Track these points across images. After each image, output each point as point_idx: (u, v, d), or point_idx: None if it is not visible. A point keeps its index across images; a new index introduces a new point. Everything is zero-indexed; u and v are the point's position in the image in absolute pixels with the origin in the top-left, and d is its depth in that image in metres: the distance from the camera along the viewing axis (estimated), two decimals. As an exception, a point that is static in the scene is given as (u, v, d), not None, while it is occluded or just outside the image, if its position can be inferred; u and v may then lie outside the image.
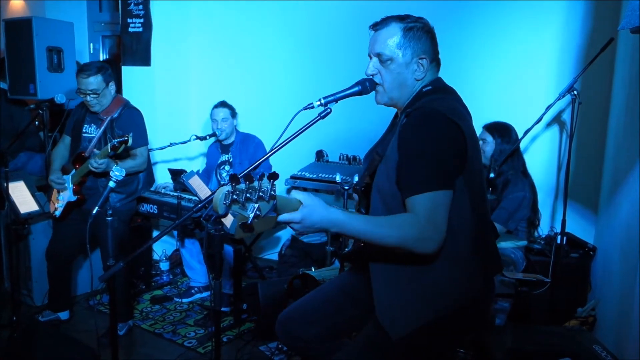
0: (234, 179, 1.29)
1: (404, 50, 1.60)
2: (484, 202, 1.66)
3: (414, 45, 1.60)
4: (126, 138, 2.73)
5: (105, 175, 2.95)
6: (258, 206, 1.31)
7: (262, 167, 3.66)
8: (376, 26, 1.65)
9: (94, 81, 2.99)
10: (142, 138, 3.16)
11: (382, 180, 1.59)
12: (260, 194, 1.31)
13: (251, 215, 1.30)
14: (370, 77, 1.66)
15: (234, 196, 1.28)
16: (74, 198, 3.07)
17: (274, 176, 1.36)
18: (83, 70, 3.01)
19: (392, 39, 1.60)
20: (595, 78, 3.24)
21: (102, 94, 3.03)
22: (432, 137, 1.48)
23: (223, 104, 3.76)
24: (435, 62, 1.68)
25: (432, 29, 1.66)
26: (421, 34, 1.61)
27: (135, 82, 4.27)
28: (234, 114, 3.76)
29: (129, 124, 3.06)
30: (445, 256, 1.51)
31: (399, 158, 1.51)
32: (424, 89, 1.63)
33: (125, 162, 3.01)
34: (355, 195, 1.86)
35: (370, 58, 1.66)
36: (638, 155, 2.42)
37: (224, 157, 3.80)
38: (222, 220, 1.69)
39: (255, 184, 1.32)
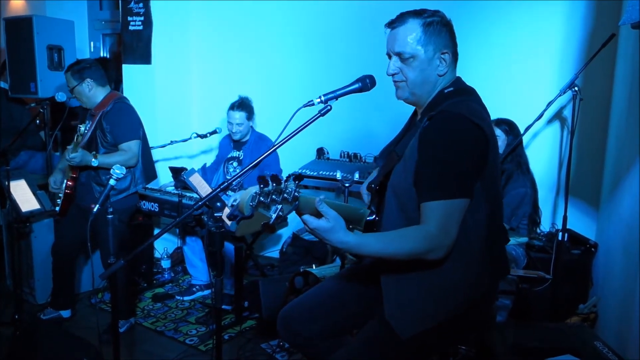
0: (262, 181, 1.29)
1: (426, 47, 1.57)
2: (500, 207, 1.66)
3: (435, 40, 1.57)
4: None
5: (94, 169, 2.99)
6: (281, 207, 1.32)
7: (272, 168, 3.65)
8: (393, 24, 1.61)
9: (66, 78, 3.06)
10: (130, 132, 3.09)
11: (398, 181, 1.57)
12: (285, 195, 1.32)
13: (274, 216, 1.31)
14: (391, 76, 1.63)
15: (261, 198, 1.29)
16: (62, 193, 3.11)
17: (299, 177, 1.37)
18: None
19: (412, 36, 1.56)
20: (596, 74, 3.23)
21: (76, 91, 3.04)
22: (455, 142, 1.47)
23: (240, 107, 3.63)
24: (455, 56, 1.64)
25: (450, 21, 1.62)
26: (441, 28, 1.58)
27: (136, 80, 4.27)
28: (250, 116, 3.66)
29: (116, 117, 3.04)
30: (458, 258, 1.52)
31: (419, 161, 1.50)
32: (445, 91, 1.60)
33: (110, 157, 2.99)
34: (366, 194, 1.85)
35: (390, 57, 1.62)
36: (639, 152, 2.42)
37: (235, 153, 3.77)
38: (223, 217, 1.69)
39: (282, 185, 1.32)
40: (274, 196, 1.31)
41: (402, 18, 1.60)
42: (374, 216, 1.65)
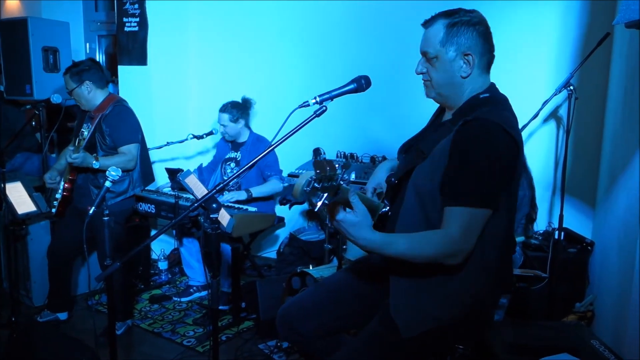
0: (319, 165, 1.28)
1: (447, 47, 1.56)
2: (514, 216, 1.66)
3: (457, 41, 1.56)
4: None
5: (93, 172, 2.98)
6: (327, 195, 1.31)
7: (272, 169, 3.64)
8: (425, 24, 1.62)
9: (65, 80, 3.06)
10: (129, 135, 3.08)
11: (423, 180, 1.56)
12: (334, 183, 1.31)
13: (319, 203, 1.30)
14: (420, 74, 1.64)
15: (315, 184, 1.28)
16: (60, 195, 3.10)
17: (346, 166, 1.37)
18: None
19: (436, 37, 1.57)
20: (591, 73, 3.24)
21: (75, 93, 3.04)
22: (490, 152, 1.46)
23: (224, 109, 3.63)
24: (486, 57, 1.62)
25: (483, 21, 1.60)
26: (465, 28, 1.56)
27: (131, 81, 4.26)
28: (235, 118, 3.61)
29: (115, 121, 3.03)
30: (473, 265, 1.52)
31: (449, 163, 1.49)
32: (480, 96, 1.60)
33: (109, 159, 2.97)
34: (371, 191, 1.84)
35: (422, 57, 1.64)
36: (636, 150, 2.43)
37: (233, 154, 3.76)
38: (219, 219, 1.68)
39: (334, 172, 1.31)
40: (325, 183, 1.30)
41: (433, 18, 1.61)
42: (387, 209, 1.65)
